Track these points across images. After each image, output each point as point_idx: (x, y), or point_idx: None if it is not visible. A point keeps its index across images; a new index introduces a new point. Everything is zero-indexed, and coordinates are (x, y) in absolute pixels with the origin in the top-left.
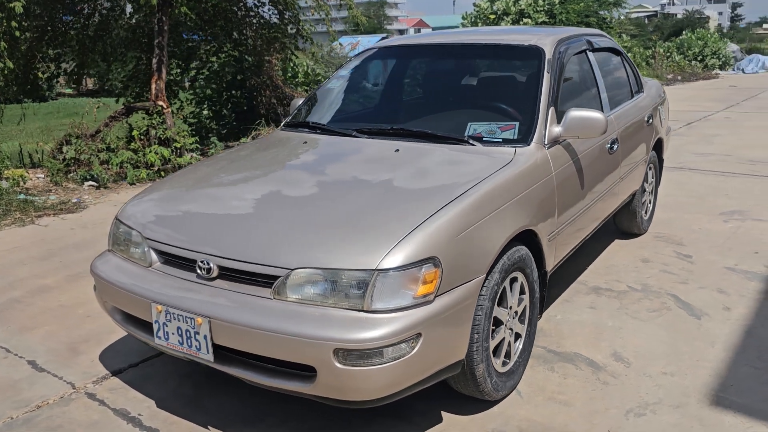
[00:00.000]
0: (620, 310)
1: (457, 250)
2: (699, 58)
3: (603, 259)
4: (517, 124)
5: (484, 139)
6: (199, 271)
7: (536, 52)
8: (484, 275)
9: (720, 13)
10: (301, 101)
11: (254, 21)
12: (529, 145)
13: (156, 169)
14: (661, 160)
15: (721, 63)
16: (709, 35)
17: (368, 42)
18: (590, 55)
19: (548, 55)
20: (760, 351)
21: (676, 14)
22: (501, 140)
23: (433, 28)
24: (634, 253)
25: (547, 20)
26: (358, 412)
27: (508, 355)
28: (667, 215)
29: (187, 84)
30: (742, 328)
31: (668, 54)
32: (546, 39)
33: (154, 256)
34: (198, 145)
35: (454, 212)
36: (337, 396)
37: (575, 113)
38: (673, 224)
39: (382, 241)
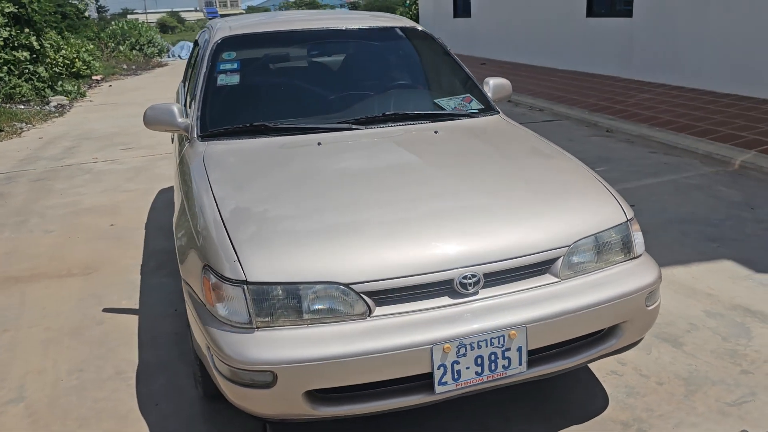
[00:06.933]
0: None
1: None
2: (138, 48)
3: None
4: (471, 95)
5: (468, 111)
6: (461, 288)
7: (426, 33)
8: None
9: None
10: (175, 107)
11: None
12: (498, 112)
13: None
14: None
15: (158, 51)
16: (141, 25)
17: None
18: None
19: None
20: None
21: None
22: (477, 111)
23: None
24: None
25: (16, 10)
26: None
27: None
28: None
29: None
30: None
31: (117, 46)
32: (406, 20)
33: (370, 300)
34: None
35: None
36: (637, 337)
37: (494, 81)
38: None
39: (607, 197)
